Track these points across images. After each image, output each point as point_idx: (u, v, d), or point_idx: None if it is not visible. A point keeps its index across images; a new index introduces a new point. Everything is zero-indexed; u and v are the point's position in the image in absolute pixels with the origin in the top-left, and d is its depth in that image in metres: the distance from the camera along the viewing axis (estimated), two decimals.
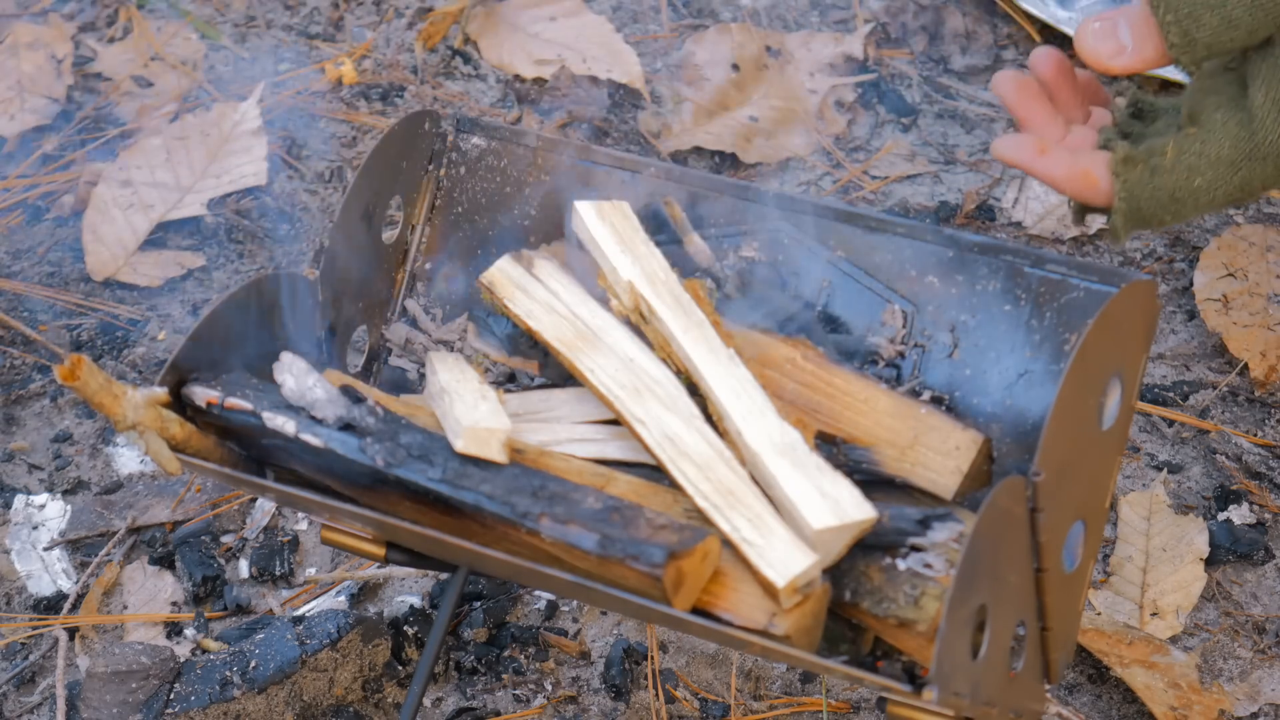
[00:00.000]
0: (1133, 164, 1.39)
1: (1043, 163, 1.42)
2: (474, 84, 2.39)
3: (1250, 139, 1.36)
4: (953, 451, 1.41)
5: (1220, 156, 1.37)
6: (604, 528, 1.31)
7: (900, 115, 2.33)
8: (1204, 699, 1.71)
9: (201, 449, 1.43)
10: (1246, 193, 1.39)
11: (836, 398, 1.45)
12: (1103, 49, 1.38)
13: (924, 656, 1.32)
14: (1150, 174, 1.39)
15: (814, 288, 1.53)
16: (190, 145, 2.29)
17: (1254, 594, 1.82)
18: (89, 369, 1.34)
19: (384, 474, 1.38)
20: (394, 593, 1.84)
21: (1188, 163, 1.38)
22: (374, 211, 1.57)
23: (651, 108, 2.33)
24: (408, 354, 1.61)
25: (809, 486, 1.32)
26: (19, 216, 2.25)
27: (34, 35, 2.45)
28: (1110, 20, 1.37)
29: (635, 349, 1.44)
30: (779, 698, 1.74)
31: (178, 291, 2.15)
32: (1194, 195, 1.39)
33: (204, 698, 1.67)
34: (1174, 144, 1.38)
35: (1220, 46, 1.35)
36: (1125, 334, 1.35)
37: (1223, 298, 2.05)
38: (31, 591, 1.86)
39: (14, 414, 2.02)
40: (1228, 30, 1.34)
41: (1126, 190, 1.39)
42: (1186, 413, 1.97)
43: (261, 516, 1.91)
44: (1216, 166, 1.38)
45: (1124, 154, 1.39)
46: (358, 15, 2.50)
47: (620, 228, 1.49)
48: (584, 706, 1.74)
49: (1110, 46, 1.37)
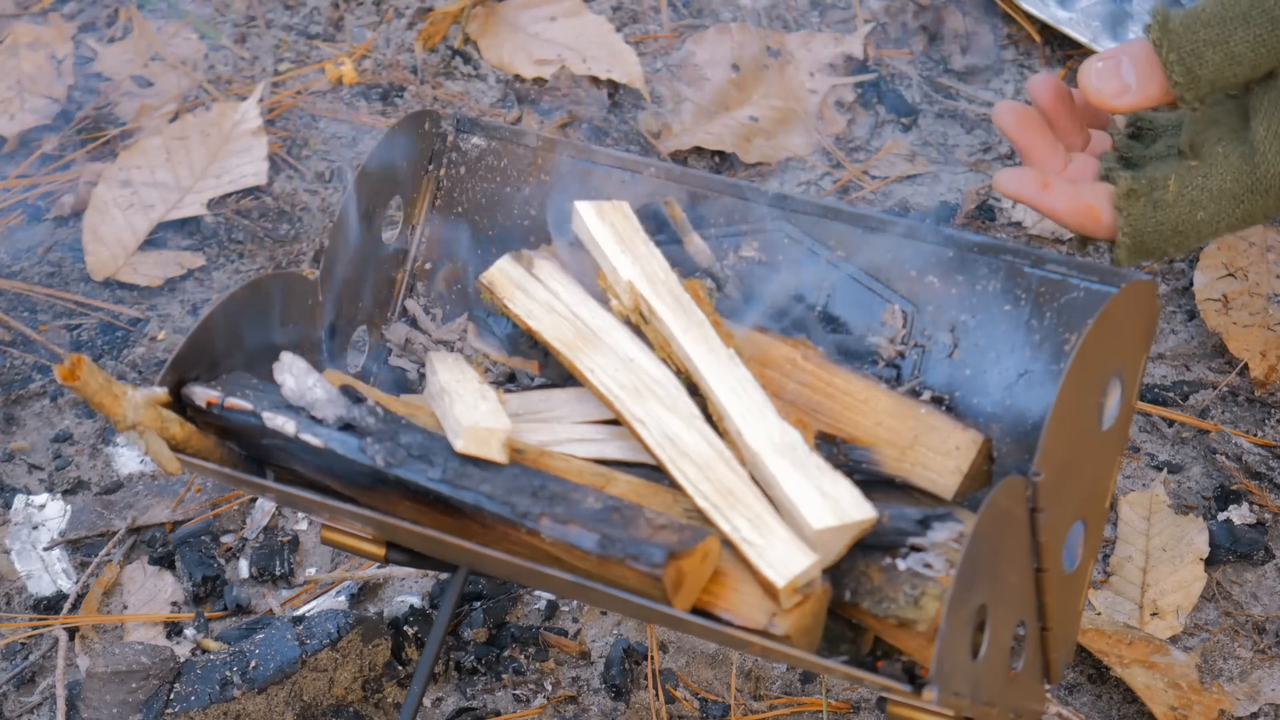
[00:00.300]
0: (1135, 198, 1.40)
1: (1046, 198, 1.43)
2: (474, 84, 2.39)
3: (1252, 173, 1.37)
4: (953, 451, 1.41)
5: (1223, 190, 1.38)
6: (604, 528, 1.31)
7: (900, 115, 2.33)
8: (1204, 699, 1.71)
9: (201, 449, 1.43)
10: (1248, 224, 1.40)
11: (836, 398, 1.45)
12: (1106, 89, 1.38)
13: (924, 656, 1.32)
14: (1153, 208, 1.40)
15: (814, 288, 1.53)
16: (190, 145, 2.29)
17: (1254, 594, 1.82)
18: (89, 369, 1.34)
19: (384, 474, 1.38)
20: (394, 593, 1.84)
21: (1190, 196, 1.39)
22: (374, 211, 1.57)
23: (651, 108, 2.33)
24: (408, 354, 1.61)
25: (809, 486, 1.32)
26: (19, 216, 2.25)
27: (34, 35, 2.45)
28: (1113, 59, 1.38)
29: (635, 349, 1.44)
30: (779, 698, 1.74)
31: (178, 291, 2.15)
32: (1197, 228, 1.40)
33: (204, 698, 1.67)
34: (1176, 178, 1.39)
35: (1224, 82, 1.36)
36: (1125, 334, 1.35)
37: (1223, 298, 2.05)
38: (31, 591, 1.86)
39: (14, 414, 2.02)
40: (1231, 66, 1.35)
41: (1130, 225, 1.40)
42: (1186, 413, 1.97)
43: (261, 516, 1.91)
44: (1219, 200, 1.38)
45: (1126, 188, 1.40)
46: (358, 15, 2.50)
47: (620, 228, 1.49)
48: (584, 706, 1.74)
49: (1114, 86, 1.38)
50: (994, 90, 2.35)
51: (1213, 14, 1.35)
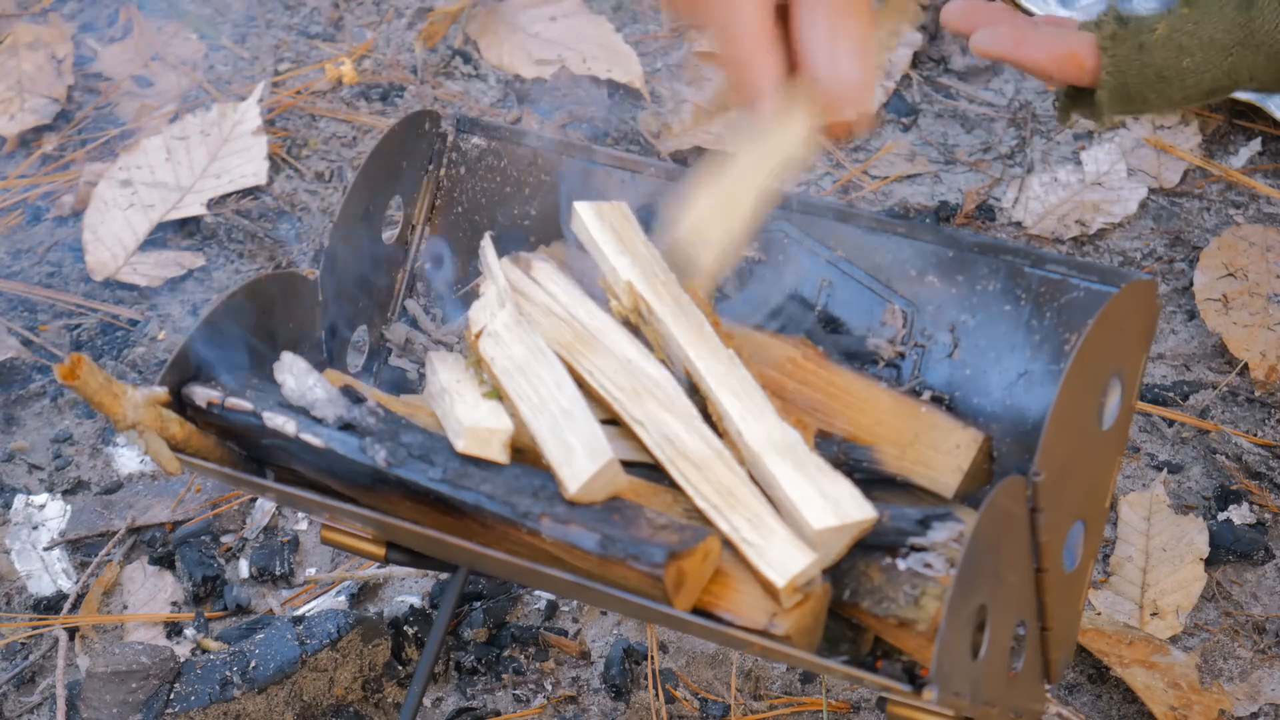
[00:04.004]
0: (1121, 41, 1.37)
1: (1025, 49, 1.40)
2: (474, 84, 2.39)
3: (1247, 25, 1.35)
4: (953, 450, 1.41)
5: (1213, 39, 1.36)
6: (604, 528, 1.31)
7: (900, 115, 2.33)
8: (1204, 699, 1.71)
9: (201, 449, 1.43)
10: (1234, 80, 1.37)
11: (837, 397, 1.45)
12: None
13: (924, 656, 1.32)
14: (1138, 50, 1.37)
15: (814, 288, 1.53)
16: (190, 145, 2.29)
17: (1254, 594, 1.82)
18: (89, 368, 1.34)
19: (384, 474, 1.38)
20: (394, 593, 1.84)
21: (1178, 41, 1.36)
22: (374, 211, 1.57)
23: (651, 108, 2.33)
24: (408, 354, 1.61)
25: (809, 486, 1.32)
26: (19, 216, 2.25)
27: (34, 35, 2.45)
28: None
29: (634, 350, 1.44)
30: (779, 698, 1.74)
31: (178, 291, 2.15)
32: (1181, 76, 1.37)
33: (204, 698, 1.67)
34: (1165, 22, 1.36)
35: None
36: (1125, 334, 1.35)
37: (1223, 298, 2.05)
38: (31, 591, 1.86)
39: (14, 414, 2.02)
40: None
41: (1114, 65, 1.37)
42: (1186, 413, 1.97)
43: (261, 516, 1.91)
44: (1208, 49, 1.36)
45: (1112, 30, 1.38)
46: (358, 15, 2.50)
47: (620, 228, 1.49)
48: (584, 706, 1.74)
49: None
50: (994, 90, 2.35)
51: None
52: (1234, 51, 1.35)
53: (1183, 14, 1.36)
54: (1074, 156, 2.26)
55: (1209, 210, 2.19)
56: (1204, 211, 2.19)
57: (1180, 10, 1.36)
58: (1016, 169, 2.25)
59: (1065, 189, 2.22)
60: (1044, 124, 2.30)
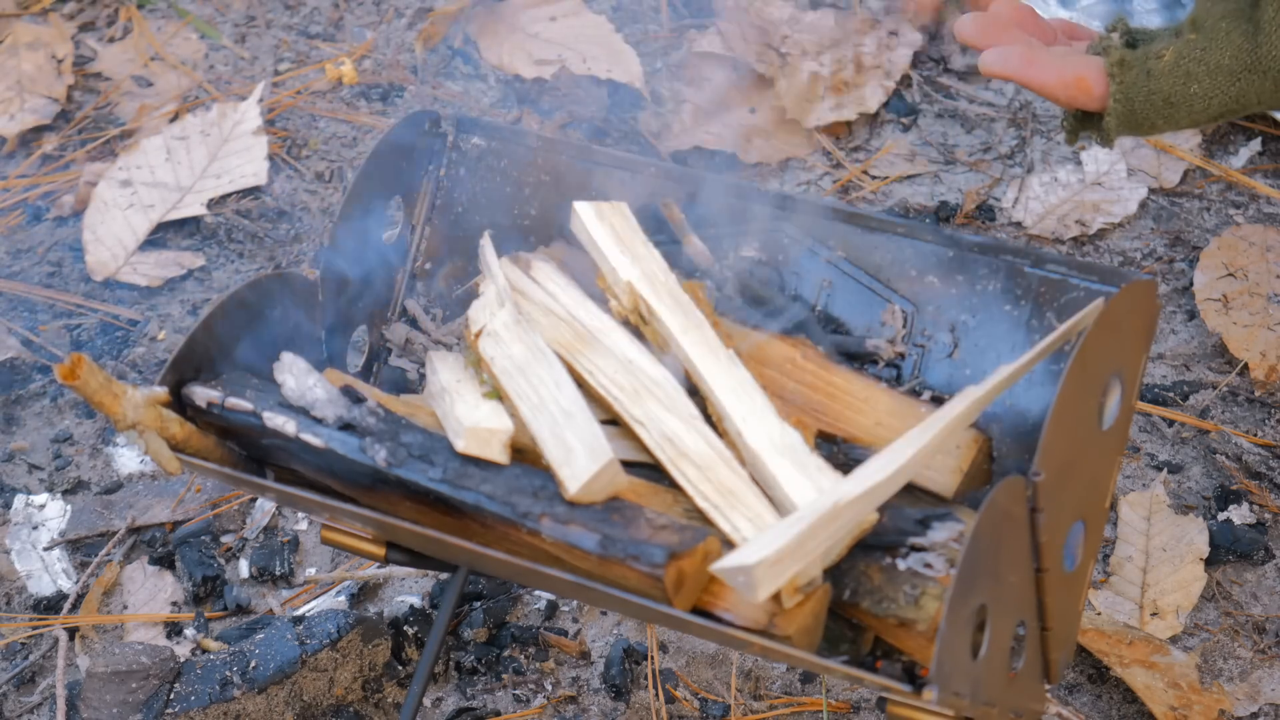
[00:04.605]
0: (1129, 67, 1.38)
1: (1033, 71, 1.40)
2: (474, 84, 2.39)
3: (1253, 51, 1.36)
4: (953, 450, 1.41)
5: (1220, 65, 1.36)
6: (604, 528, 1.31)
7: (900, 115, 2.33)
8: (1204, 699, 1.71)
9: (201, 449, 1.43)
10: (1241, 106, 1.38)
11: (836, 397, 1.45)
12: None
13: (924, 656, 1.32)
14: (1146, 77, 1.38)
15: (814, 288, 1.53)
16: (190, 145, 2.29)
17: (1254, 594, 1.82)
18: (89, 368, 1.34)
19: (384, 474, 1.38)
20: (394, 593, 1.84)
21: (1186, 68, 1.37)
22: (374, 211, 1.57)
23: (651, 108, 2.33)
24: (408, 354, 1.61)
25: (809, 486, 1.32)
26: (19, 216, 2.25)
27: (34, 35, 2.45)
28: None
29: (634, 350, 1.44)
30: (779, 698, 1.74)
31: (178, 291, 2.15)
32: (1188, 101, 1.38)
33: (204, 698, 1.67)
34: (1173, 49, 1.37)
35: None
36: (1125, 334, 1.35)
37: (1223, 298, 2.05)
38: (31, 591, 1.86)
39: (14, 414, 2.02)
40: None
41: (1122, 92, 1.38)
42: (1186, 413, 1.97)
43: (261, 516, 1.91)
44: (1215, 75, 1.37)
45: (1119, 56, 1.39)
46: (358, 15, 2.50)
47: (619, 228, 1.49)
48: (584, 706, 1.74)
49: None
50: (994, 90, 2.35)
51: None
52: (1241, 77, 1.36)
53: (1190, 40, 1.37)
54: (1074, 156, 2.26)
55: (1209, 210, 2.19)
56: (1204, 211, 2.19)
57: (1188, 36, 1.37)
58: (1016, 169, 2.25)
59: (1065, 189, 2.22)
60: (1044, 124, 2.30)
